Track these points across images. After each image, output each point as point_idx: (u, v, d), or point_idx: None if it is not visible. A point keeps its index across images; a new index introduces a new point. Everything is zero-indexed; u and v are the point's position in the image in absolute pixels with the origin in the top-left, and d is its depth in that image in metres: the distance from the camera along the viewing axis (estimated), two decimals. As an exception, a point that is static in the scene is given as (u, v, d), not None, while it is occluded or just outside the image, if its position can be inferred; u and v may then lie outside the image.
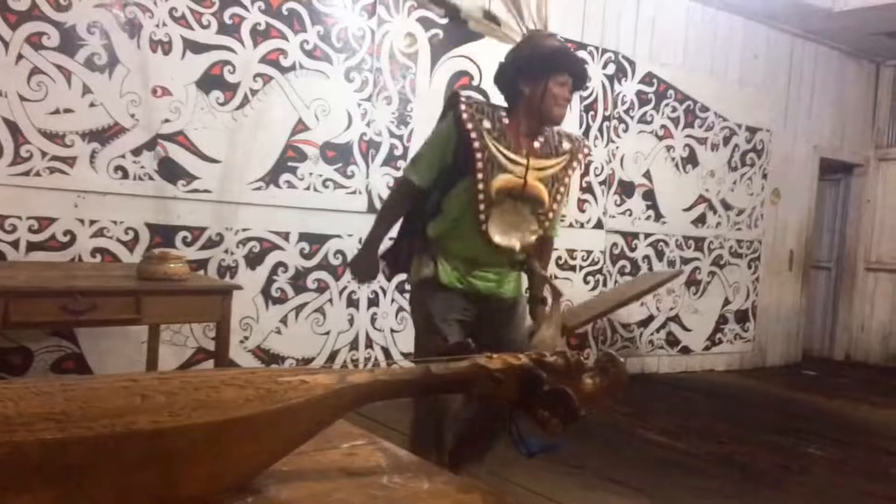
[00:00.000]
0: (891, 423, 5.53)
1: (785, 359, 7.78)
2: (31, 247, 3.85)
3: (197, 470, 0.76)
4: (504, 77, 2.69)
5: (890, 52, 7.84)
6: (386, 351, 5.04)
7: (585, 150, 2.79)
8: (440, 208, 2.65)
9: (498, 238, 2.56)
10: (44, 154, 3.84)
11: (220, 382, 0.84)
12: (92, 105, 3.95)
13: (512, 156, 2.55)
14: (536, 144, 2.63)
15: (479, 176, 2.51)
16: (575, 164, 2.72)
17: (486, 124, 2.54)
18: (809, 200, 7.79)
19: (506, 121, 2.60)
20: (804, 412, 5.73)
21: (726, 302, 7.11)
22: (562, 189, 2.70)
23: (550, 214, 2.70)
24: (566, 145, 2.70)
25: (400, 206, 2.76)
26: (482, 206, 2.52)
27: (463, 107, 2.55)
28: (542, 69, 2.57)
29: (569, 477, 3.75)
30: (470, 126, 2.52)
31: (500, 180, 2.53)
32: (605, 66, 6.01)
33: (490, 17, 2.86)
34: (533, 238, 2.66)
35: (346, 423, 1.08)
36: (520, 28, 2.77)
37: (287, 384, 0.85)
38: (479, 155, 2.51)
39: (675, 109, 6.49)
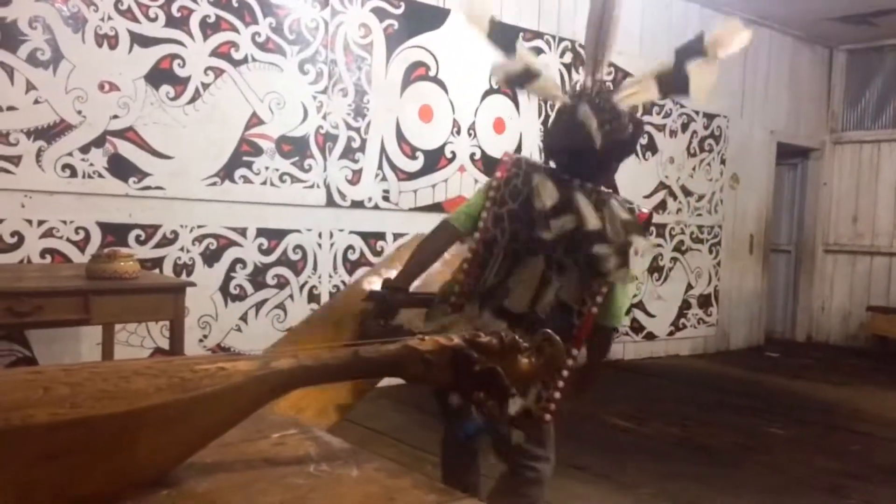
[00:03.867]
0: (850, 402, 5.62)
1: (748, 341, 7.88)
2: (-23, 249, 3.74)
3: (103, 463, 0.72)
4: (607, 165, 2.30)
5: (842, 37, 7.96)
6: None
7: None
8: None
9: None
10: (-13, 153, 3.73)
11: (132, 372, 0.80)
12: (36, 102, 3.85)
13: None
14: None
15: None
16: None
17: None
18: (768, 185, 7.89)
19: None
20: (766, 393, 5.80)
21: (689, 287, 7.17)
22: None
23: None
24: None
25: None
26: None
27: None
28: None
29: (533, 465, 3.74)
30: None
31: None
32: (562, 55, 6.01)
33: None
34: None
35: (278, 413, 1.04)
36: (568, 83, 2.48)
37: (204, 372, 0.81)
38: None
39: (633, 97, 6.50)
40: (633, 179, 6.57)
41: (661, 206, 6.83)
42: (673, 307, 7.06)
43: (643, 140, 6.63)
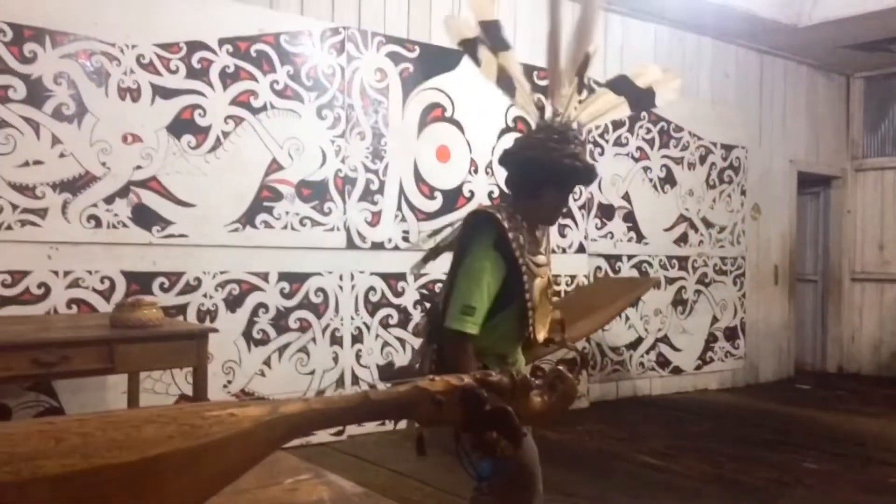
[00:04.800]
0: (885, 434, 5.49)
1: (777, 374, 7.75)
2: (4, 301, 3.80)
3: (114, 513, 0.72)
4: (531, 178, 2.38)
5: (858, 65, 7.94)
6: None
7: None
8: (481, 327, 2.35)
9: (540, 337, 2.43)
10: (14, 207, 3.81)
11: (143, 420, 0.80)
12: (62, 155, 3.94)
13: (537, 259, 2.41)
14: (538, 234, 2.50)
15: (527, 296, 2.33)
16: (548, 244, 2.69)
17: (521, 240, 2.33)
18: (790, 214, 7.83)
19: (525, 224, 2.39)
20: (798, 426, 5.68)
21: (714, 320, 7.08)
22: (551, 267, 2.62)
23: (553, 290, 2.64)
24: (541, 229, 2.59)
25: (472, 363, 2.26)
26: (530, 318, 2.36)
27: (510, 235, 2.29)
28: (573, 184, 2.43)
29: (560, 505, 3.68)
30: (517, 254, 2.30)
31: (537, 287, 2.39)
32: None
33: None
34: (549, 319, 2.52)
35: (293, 458, 1.04)
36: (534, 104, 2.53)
37: (213, 418, 0.81)
38: (525, 277, 2.32)
39: (649, 131, 6.52)
40: (653, 212, 6.56)
41: (683, 238, 6.79)
42: (699, 340, 6.98)
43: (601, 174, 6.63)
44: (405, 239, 5.14)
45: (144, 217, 4.18)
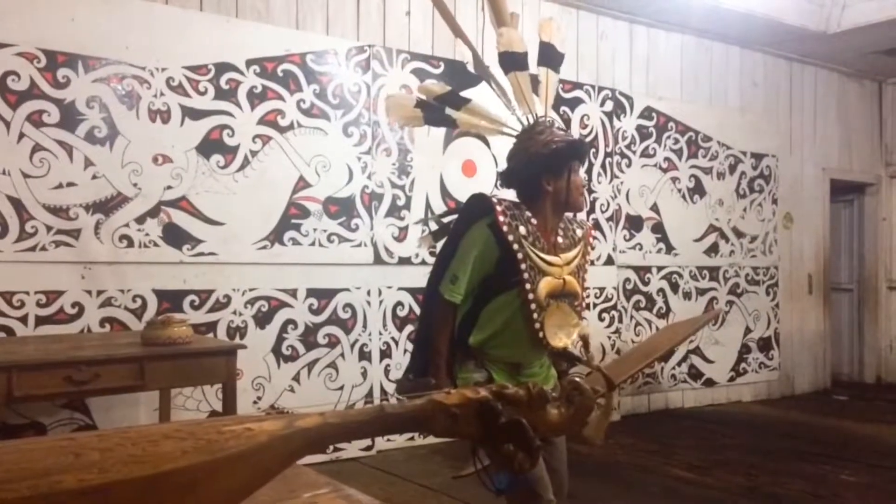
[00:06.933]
0: (927, 445, 5.36)
1: (814, 385, 7.60)
2: (40, 321, 3.87)
3: (131, 527, 0.73)
4: (522, 177, 2.57)
5: (891, 70, 7.82)
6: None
7: (592, 233, 2.76)
8: (479, 318, 2.51)
9: (554, 342, 2.46)
10: (49, 228, 3.89)
11: (161, 436, 0.81)
12: (94, 177, 4.02)
13: (548, 258, 2.47)
14: (560, 239, 2.55)
15: (528, 286, 2.41)
16: (588, 248, 2.68)
17: (522, 230, 2.43)
18: (823, 223, 7.70)
19: (534, 221, 2.49)
20: (835, 438, 5.57)
21: (747, 331, 6.98)
22: (585, 276, 2.65)
23: (584, 304, 2.66)
24: (579, 232, 2.64)
25: (448, 329, 2.53)
26: (536, 315, 2.43)
27: (501, 218, 2.42)
28: (564, 163, 2.51)
29: (592, 520, 3.65)
30: (511, 238, 2.41)
31: (545, 285, 2.44)
32: (602, 104, 6.03)
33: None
34: (576, 332, 2.54)
35: (312, 472, 1.05)
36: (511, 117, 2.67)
37: (230, 433, 0.82)
38: (523, 266, 2.41)
39: (676, 141, 6.48)
40: (683, 223, 6.50)
41: (713, 248, 6.72)
42: (732, 352, 6.88)
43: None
44: (432, 254, 5.14)
45: (175, 236, 4.24)
